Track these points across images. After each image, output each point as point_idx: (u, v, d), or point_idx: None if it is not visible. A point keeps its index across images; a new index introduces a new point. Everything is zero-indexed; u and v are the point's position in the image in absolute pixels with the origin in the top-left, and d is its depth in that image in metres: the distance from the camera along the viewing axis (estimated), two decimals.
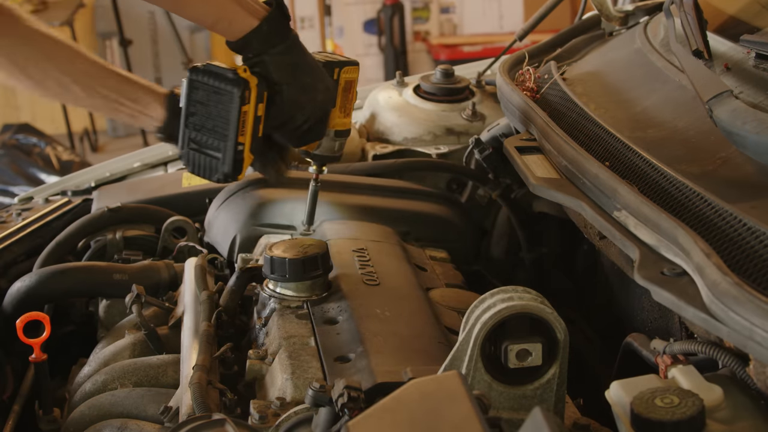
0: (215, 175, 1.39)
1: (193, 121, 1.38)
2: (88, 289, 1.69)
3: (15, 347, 1.57)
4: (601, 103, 1.57)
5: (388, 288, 1.44)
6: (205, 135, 1.38)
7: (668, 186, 1.18)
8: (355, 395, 1.01)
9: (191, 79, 1.37)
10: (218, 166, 1.38)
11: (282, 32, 1.40)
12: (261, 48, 1.39)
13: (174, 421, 1.24)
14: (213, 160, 1.39)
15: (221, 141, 1.37)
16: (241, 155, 1.37)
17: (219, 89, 1.35)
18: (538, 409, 0.83)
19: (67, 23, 6.20)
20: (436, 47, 6.89)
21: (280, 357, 1.26)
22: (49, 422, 1.45)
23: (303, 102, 1.42)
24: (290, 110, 1.42)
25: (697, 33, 1.43)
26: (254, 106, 1.36)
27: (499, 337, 1.05)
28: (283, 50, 1.40)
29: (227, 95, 1.34)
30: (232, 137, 1.36)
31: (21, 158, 5.28)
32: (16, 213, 2.04)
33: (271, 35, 1.39)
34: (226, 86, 1.34)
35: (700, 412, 0.90)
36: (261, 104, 1.38)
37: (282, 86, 1.40)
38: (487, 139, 1.88)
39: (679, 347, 1.09)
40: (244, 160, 1.38)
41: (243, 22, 1.38)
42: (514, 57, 1.87)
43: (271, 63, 1.39)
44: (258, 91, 1.36)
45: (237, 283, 1.48)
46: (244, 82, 1.34)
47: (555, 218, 1.81)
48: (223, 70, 1.35)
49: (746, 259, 0.98)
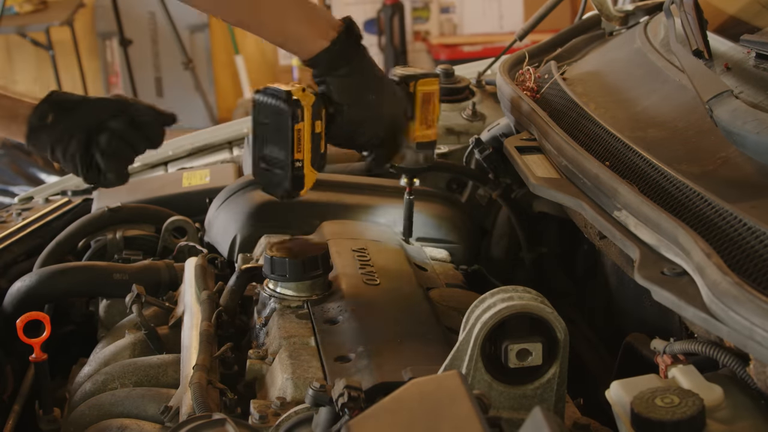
0: (279, 192, 1.44)
1: (260, 141, 1.43)
2: (88, 288, 1.70)
3: (15, 347, 1.57)
4: (601, 102, 1.57)
5: (388, 288, 1.45)
6: (269, 152, 1.42)
7: (668, 186, 1.18)
8: (355, 395, 1.01)
9: (255, 100, 1.42)
10: (281, 182, 1.42)
11: (347, 54, 1.42)
12: (325, 71, 1.42)
13: (174, 421, 1.24)
14: (277, 176, 1.42)
15: (282, 158, 1.41)
16: (300, 171, 1.41)
17: (276, 109, 1.39)
18: (539, 408, 0.83)
19: (67, 23, 6.20)
20: (436, 47, 6.89)
21: (281, 357, 1.26)
22: (49, 422, 1.45)
23: (364, 121, 1.45)
24: (350, 129, 1.45)
25: (698, 33, 1.43)
26: (310, 123, 1.39)
27: (500, 336, 1.05)
28: (347, 72, 1.42)
29: (283, 114, 1.38)
30: (288, 155, 1.40)
31: (21, 158, 5.28)
32: (16, 213, 2.04)
33: (336, 58, 1.41)
34: (280, 105, 1.39)
35: (700, 412, 0.90)
36: (318, 121, 1.41)
37: (342, 106, 1.43)
38: (487, 139, 1.88)
39: (680, 347, 1.09)
40: (305, 176, 1.41)
41: (313, 43, 1.41)
42: (514, 57, 1.87)
43: (333, 84, 1.42)
44: (314, 110, 1.39)
45: (237, 283, 1.48)
46: (295, 101, 1.38)
47: (555, 218, 1.81)
48: (279, 91, 1.40)
49: (746, 258, 0.98)
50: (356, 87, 1.43)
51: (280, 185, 1.43)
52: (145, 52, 6.85)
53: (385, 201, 1.79)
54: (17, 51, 6.91)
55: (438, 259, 1.69)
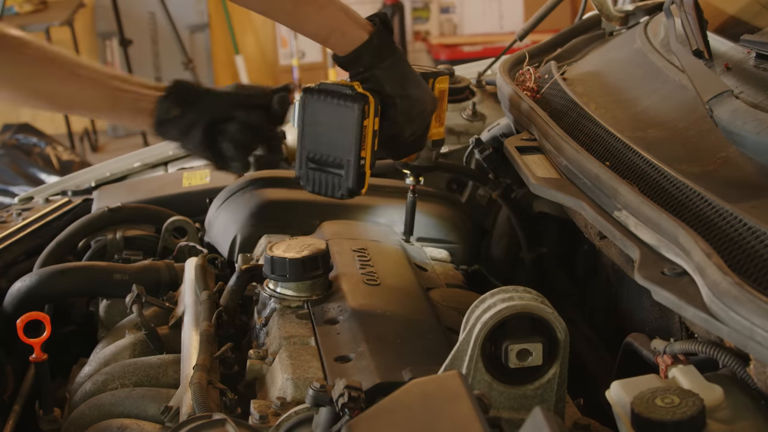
0: (339, 192, 1.40)
1: (310, 142, 1.39)
2: (89, 289, 1.70)
3: (15, 347, 1.57)
4: (601, 102, 1.57)
5: (388, 288, 1.44)
6: (324, 153, 1.39)
7: (669, 186, 1.18)
8: (355, 395, 1.01)
9: (305, 99, 1.38)
10: (341, 183, 1.39)
11: (390, 46, 1.41)
12: (372, 62, 1.40)
13: (174, 421, 1.24)
14: (335, 177, 1.39)
15: (343, 157, 1.37)
16: (363, 169, 1.38)
17: (337, 106, 1.35)
18: (539, 408, 0.83)
19: (67, 23, 6.20)
20: (436, 47, 6.90)
21: (281, 357, 1.26)
22: (50, 422, 1.45)
23: (414, 114, 1.43)
24: (402, 123, 1.43)
25: (698, 33, 1.43)
26: (372, 120, 1.37)
27: (500, 337, 1.05)
28: (393, 63, 1.40)
29: (348, 111, 1.35)
30: (355, 152, 1.36)
31: (21, 158, 5.28)
32: (16, 213, 2.04)
33: (381, 49, 1.40)
34: (346, 102, 1.35)
35: (700, 412, 0.90)
36: (377, 118, 1.38)
37: (395, 99, 1.40)
38: (488, 139, 1.88)
39: (680, 347, 1.09)
40: (366, 173, 1.39)
41: (354, 34, 1.39)
42: (514, 57, 1.87)
43: (383, 77, 1.40)
44: (375, 105, 1.37)
45: (237, 283, 1.48)
46: (363, 97, 1.34)
47: (555, 218, 1.81)
48: (340, 87, 1.36)
49: (747, 258, 0.98)
50: (405, 77, 1.42)
51: (339, 186, 1.39)
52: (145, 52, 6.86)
53: (385, 201, 1.79)
54: None
55: (438, 259, 1.69)
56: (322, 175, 1.40)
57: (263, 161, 2.06)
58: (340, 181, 1.39)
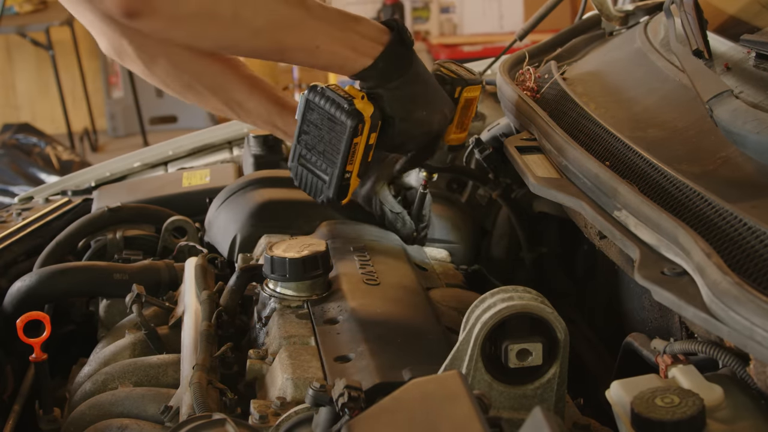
0: (319, 197, 1.41)
1: (306, 139, 1.38)
2: (88, 288, 1.69)
3: (15, 347, 1.57)
4: (601, 102, 1.57)
5: (388, 288, 1.44)
6: (315, 155, 1.38)
7: (668, 186, 1.18)
8: (355, 395, 1.01)
9: (308, 99, 1.37)
10: (323, 189, 1.39)
11: (399, 65, 1.38)
12: (376, 83, 1.37)
13: (174, 421, 1.24)
14: (319, 181, 1.39)
15: (329, 166, 1.37)
16: (347, 182, 1.38)
17: (333, 117, 1.34)
18: (539, 408, 0.83)
19: (67, 23, 6.20)
20: (436, 47, 6.89)
21: (281, 357, 1.26)
22: (50, 422, 1.45)
23: (415, 134, 1.42)
24: (400, 141, 1.42)
25: (698, 33, 1.43)
26: (366, 136, 1.36)
27: (500, 336, 1.05)
28: (400, 84, 1.37)
29: (340, 125, 1.33)
30: (340, 165, 1.35)
31: (21, 158, 5.29)
32: (16, 213, 2.04)
33: (387, 71, 1.36)
34: (340, 116, 1.33)
35: (700, 412, 0.90)
36: (374, 133, 1.37)
37: (395, 120, 1.39)
38: (488, 138, 1.88)
39: (680, 347, 1.09)
40: (350, 185, 1.39)
41: (355, 63, 1.36)
42: (514, 57, 1.87)
43: (387, 98, 1.37)
44: (372, 122, 1.35)
45: (237, 283, 1.48)
46: (358, 115, 1.32)
47: (555, 218, 1.81)
48: (340, 98, 1.34)
49: (747, 258, 0.98)
50: (409, 101, 1.39)
51: (321, 192, 1.39)
52: None
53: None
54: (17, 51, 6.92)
55: (438, 259, 1.69)
56: (309, 175, 1.41)
57: (263, 161, 2.06)
58: (323, 187, 1.40)
